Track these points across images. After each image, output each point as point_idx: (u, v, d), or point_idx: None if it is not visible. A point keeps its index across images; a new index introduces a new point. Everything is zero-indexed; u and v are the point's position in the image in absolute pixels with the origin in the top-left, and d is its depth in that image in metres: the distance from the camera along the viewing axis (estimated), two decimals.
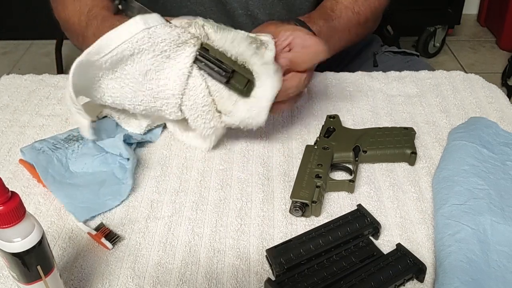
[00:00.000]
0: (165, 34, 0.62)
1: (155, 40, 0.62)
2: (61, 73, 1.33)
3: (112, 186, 0.66)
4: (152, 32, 0.61)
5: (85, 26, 0.82)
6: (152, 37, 0.61)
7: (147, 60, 0.63)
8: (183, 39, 0.63)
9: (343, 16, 0.85)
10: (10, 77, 0.92)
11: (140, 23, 0.61)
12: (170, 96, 0.65)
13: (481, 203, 0.59)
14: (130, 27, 0.61)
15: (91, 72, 0.65)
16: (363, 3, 0.87)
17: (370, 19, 0.90)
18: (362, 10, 0.87)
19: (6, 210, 0.42)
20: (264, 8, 0.89)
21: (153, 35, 0.61)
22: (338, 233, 0.59)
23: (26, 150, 0.70)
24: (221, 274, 0.57)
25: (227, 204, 0.65)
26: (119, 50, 0.61)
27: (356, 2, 0.87)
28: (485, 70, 2.37)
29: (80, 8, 0.84)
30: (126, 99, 0.67)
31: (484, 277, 0.52)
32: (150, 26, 0.61)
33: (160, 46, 0.62)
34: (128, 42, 0.61)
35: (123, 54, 0.62)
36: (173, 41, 0.62)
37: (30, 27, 2.56)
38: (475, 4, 2.72)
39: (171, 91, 0.65)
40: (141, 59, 0.63)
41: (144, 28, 0.61)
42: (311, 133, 0.77)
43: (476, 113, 0.80)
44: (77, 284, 0.56)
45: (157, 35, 0.61)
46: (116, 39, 0.61)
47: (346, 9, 0.86)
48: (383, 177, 0.69)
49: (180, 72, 0.64)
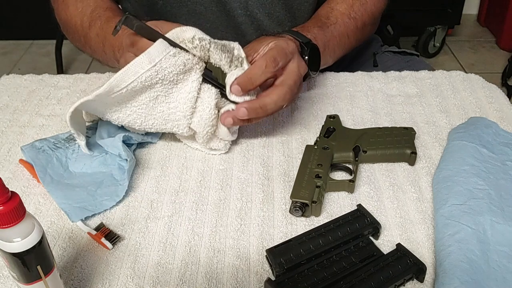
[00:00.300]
0: (171, 66, 0.62)
1: (162, 74, 0.62)
2: (61, 73, 1.33)
3: (110, 187, 0.66)
4: (158, 68, 0.62)
5: (88, 26, 0.82)
6: (159, 72, 0.62)
7: (156, 88, 0.64)
8: (189, 67, 0.64)
9: (339, 22, 0.85)
10: (10, 77, 0.92)
11: (145, 62, 0.61)
12: (181, 117, 0.67)
13: (481, 203, 0.59)
14: (136, 67, 0.61)
15: (97, 105, 0.66)
16: (359, 8, 0.87)
17: (368, 24, 0.90)
18: (358, 15, 0.87)
19: (6, 210, 0.42)
20: (263, 8, 0.89)
21: (160, 70, 0.62)
22: (338, 233, 0.59)
23: (26, 148, 0.70)
24: (221, 274, 0.57)
25: (227, 204, 0.65)
26: (128, 88, 0.62)
27: (352, 7, 0.87)
28: (485, 70, 2.37)
29: (83, 9, 0.84)
30: (136, 124, 0.68)
31: (484, 277, 0.52)
32: (155, 61, 0.61)
33: (168, 77, 0.63)
34: (135, 81, 0.62)
35: (132, 90, 0.63)
36: (180, 71, 0.63)
37: (30, 27, 2.56)
38: (475, 4, 2.72)
39: (182, 113, 0.67)
40: (150, 89, 0.64)
41: (150, 66, 0.61)
42: (311, 133, 0.77)
43: (476, 113, 0.80)
44: (77, 284, 0.56)
45: (164, 69, 0.62)
46: (123, 81, 0.62)
47: (342, 15, 0.86)
48: (383, 177, 0.69)
49: (189, 95, 0.65)
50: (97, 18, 0.81)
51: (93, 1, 0.84)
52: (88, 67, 2.37)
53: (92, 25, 0.81)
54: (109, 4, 0.85)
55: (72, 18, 0.85)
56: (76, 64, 2.43)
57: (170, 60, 0.62)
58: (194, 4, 0.88)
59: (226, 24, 0.91)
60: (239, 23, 0.90)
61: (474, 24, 2.72)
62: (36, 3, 1.12)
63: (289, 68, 0.68)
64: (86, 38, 0.84)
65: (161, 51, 0.61)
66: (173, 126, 0.68)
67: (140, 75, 0.61)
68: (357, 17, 0.87)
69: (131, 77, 0.61)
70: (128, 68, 0.61)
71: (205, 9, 0.89)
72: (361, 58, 1.03)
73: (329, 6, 0.88)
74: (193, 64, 0.64)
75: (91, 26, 0.82)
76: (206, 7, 0.88)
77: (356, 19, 0.87)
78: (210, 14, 0.89)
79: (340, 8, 0.86)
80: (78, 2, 0.85)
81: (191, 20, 0.90)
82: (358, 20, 0.87)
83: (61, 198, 0.65)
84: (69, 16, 0.86)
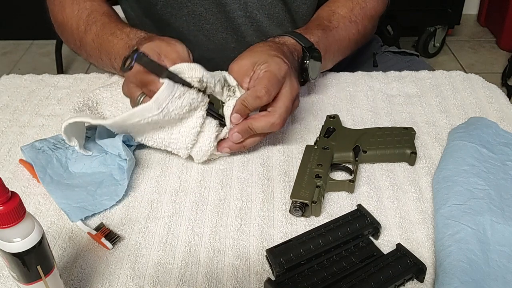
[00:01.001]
0: (178, 108, 0.63)
1: (168, 115, 0.63)
2: (61, 73, 1.33)
3: (109, 187, 0.66)
4: (165, 112, 0.62)
5: (84, 31, 0.82)
6: (165, 115, 0.63)
7: (161, 123, 0.66)
8: (194, 106, 0.65)
9: (341, 26, 0.85)
10: (10, 77, 0.92)
11: (154, 108, 0.62)
12: (183, 148, 0.68)
13: (481, 203, 0.59)
14: (144, 111, 0.62)
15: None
16: (359, 12, 0.87)
17: (368, 27, 0.90)
18: (359, 19, 0.87)
19: (6, 210, 0.42)
20: (263, 9, 0.89)
21: (167, 113, 0.63)
22: (338, 233, 0.59)
23: (26, 148, 0.70)
24: (221, 274, 0.57)
25: (227, 204, 0.65)
26: (133, 122, 0.63)
27: (352, 11, 0.87)
28: (485, 70, 2.37)
29: (79, 12, 0.83)
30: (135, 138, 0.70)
31: (484, 277, 0.52)
32: (162, 107, 0.62)
33: (173, 115, 0.64)
34: (141, 121, 0.63)
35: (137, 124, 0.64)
36: (185, 111, 0.64)
37: (30, 27, 2.56)
38: (475, 4, 2.72)
39: (184, 144, 0.68)
40: (155, 123, 0.65)
41: (158, 112, 0.62)
42: (311, 133, 0.77)
43: (476, 113, 0.80)
44: (77, 284, 0.56)
45: (170, 111, 0.63)
46: (129, 119, 0.63)
47: (344, 19, 0.86)
48: (383, 177, 0.69)
49: (193, 131, 0.67)
50: (93, 23, 0.81)
51: (89, 5, 0.83)
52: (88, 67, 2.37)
53: (88, 30, 0.81)
54: (105, 9, 0.84)
55: (68, 20, 0.85)
56: (76, 64, 2.43)
57: (176, 103, 0.63)
58: (194, 5, 0.88)
59: (226, 25, 0.91)
60: (239, 24, 0.90)
61: (474, 24, 2.72)
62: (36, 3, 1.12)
63: (281, 95, 0.68)
64: (81, 42, 0.84)
65: (168, 95, 0.62)
66: (173, 149, 0.69)
67: (147, 118, 0.62)
68: (358, 21, 0.87)
69: (137, 118, 0.62)
70: (135, 112, 0.62)
71: (205, 11, 0.89)
72: (361, 58, 1.03)
73: (330, 9, 0.87)
74: (198, 103, 0.65)
75: (86, 30, 0.81)
76: (206, 8, 0.88)
77: (357, 23, 0.87)
78: (210, 15, 0.89)
79: (341, 11, 0.87)
80: (75, 4, 0.84)
81: (191, 21, 0.90)
82: (359, 24, 0.87)
83: (60, 198, 0.65)
84: (66, 18, 0.85)
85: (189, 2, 0.87)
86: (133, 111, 0.62)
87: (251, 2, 0.88)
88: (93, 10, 0.83)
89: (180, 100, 0.63)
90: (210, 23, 0.90)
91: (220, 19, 0.90)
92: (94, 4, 0.84)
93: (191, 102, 0.64)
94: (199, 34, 0.92)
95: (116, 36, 0.77)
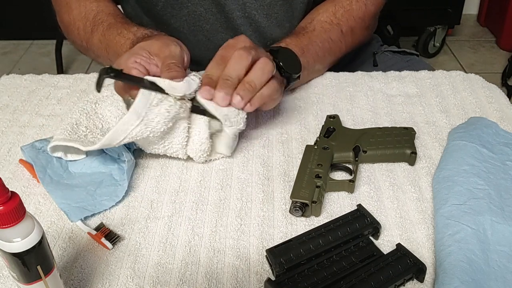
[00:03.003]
0: (157, 116, 0.63)
1: (151, 125, 0.64)
2: (61, 73, 1.33)
3: (109, 187, 0.66)
4: (146, 121, 0.63)
5: (90, 32, 0.82)
6: (147, 125, 0.63)
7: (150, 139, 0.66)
8: (174, 112, 0.64)
9: (317, 29, 0.85)
10: (10, 77, 0.92)
11: (133, 119, 0.62)
12: (179, 149, 0.69)
13: (481, 203, 0.59)
14: (125, 125, 0.63)
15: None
16: (343, 14, 0.87)
17: (357, 28, 0.89)
18: (343, 20, 0.87)
19: (6, 210, 0.42)
20: (261, 10, 0.89)
21: (148, 122, 0.63)
22: (338, 233, 0.59)
23: (26, 149, 0.70)
24: (221, 274, 0.57)
25: (227, 204, 0.65)
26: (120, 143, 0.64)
27: (334, 15, 0.87)
28: (485, 70, 2.37)
29: (86, 13, 0.83)
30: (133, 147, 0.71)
31: (484, 277, 0.52)
32: (142, 116, 0.62)
33: (157, 128, 0.64)
34: (127, 138, 0.63)
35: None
36: (166, 118, 0.64)
37: (30, 27, 2.56)
38: (475, 4, 2.72)
39: (179, 145, 0.68)
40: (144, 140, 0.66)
41: (139, 122, 0.62)
42: (311, 133, 0.77)
43: (476, 113, 0.80)
44: (77, 284, 0.56)
45: (151, 120, 0.63)
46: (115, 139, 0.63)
47: (322, 23, 0.86)
48: (383, 177, 0.69)
49: (183, 135, 0.67)
50: (100, 23, 0.81)
51: (95, 5, 0.84)
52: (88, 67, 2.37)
53: (94, 31, 0.81)
54: (111, 9, 0.84)
55: (76, 22, 0.85)
56: (76, 64, 2.43)
57: (154, 111, 0.63)
58: (194, 6, 0.88)
59: (225, 25, 0.91)
60: (238, 24, 0.90)
61: (474, 24, 2.72)
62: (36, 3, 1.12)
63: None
64: (88, 43, 0.84)
65: (145, 103, 0.63)
66: (172, 153, 0.70)
67: (130, 131, 0.63)
68: (341, 22, 0.87)
69: (122, 135, 0.63)
70: (117, 128, 0.62)
71: (205, 11, 0.89)
72: (361, 58, 1.03)
73: (310, 17, 0.88)
74: (177, 109, 0.65)
75: (93, 31, 0.81)
76: (206, 8, 0.88)
77: (339, 25, 0.87)
78: (209, 15, 0.89)
79: (321, 17, 0.87)
80: (82, 6, 0.84)
81: (191, 22, 0.90)
82: (343, 25, 0.87)
83: (60, 198, 0.65)
84: (72, 19, 0.85)
85: (189, 2, 0.88)
86: (114, 128, 0.62)
87: (249, 2, 0.88)
88: (99, 11, 0.83)
89: (157, 108, 0.63)
90: (209, 24, 0.90)
91: (219, 19, 0.90)
92: (100, 5, 0.84)
93: (169, 109, 0.64)
94: (198, 34, 0.92)
95: (123, 36, 0.77)
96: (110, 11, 0.83)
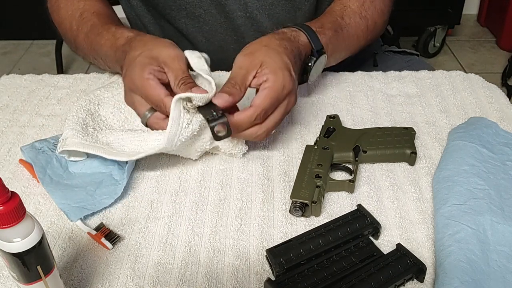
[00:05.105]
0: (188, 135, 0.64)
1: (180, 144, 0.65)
2: (61, 73, 1.33)
3: (109, 187, 0.66)
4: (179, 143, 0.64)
5: (76, 30, 0.82)
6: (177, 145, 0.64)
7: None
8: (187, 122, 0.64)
9: (351, 24, 0.83)
10: (10, 77, 0.92)
11: (167, 148, 0.64)
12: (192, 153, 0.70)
13: (481, 203, 0.59)
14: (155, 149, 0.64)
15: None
16: (369, 6, 0.85)
17: (379, 23, 0.88)
18: (369, 14, 0.85)
19: (6, 210, 0.42)
20: (263, 10, 0.89)
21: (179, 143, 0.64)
22: (338, 233, 0.59)
23: (26, 149, 0.70)
24: (221, 274, 0.57)
25: (227, 204, 0.65)
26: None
27: (362, 6, 0.85)
28: (485, 70, 2.37)
29: (72, 12, 0.83)
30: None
31: (484, 277, 0.52)
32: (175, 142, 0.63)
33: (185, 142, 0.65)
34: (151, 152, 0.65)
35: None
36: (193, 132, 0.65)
37: (30, 27, 2.56)
38: (475, 4, 2.72)
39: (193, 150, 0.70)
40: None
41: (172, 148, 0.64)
42: (311, 133, 0.77)
43: (476, 113, 0.80)
44: (77, 284, 0.56)
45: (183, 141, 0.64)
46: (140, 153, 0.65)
47: (354, 14, 0.84)
48: (383, 177, 0.69)
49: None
50: (84, 23, 0.80)
51: (82, 4, 0.83)
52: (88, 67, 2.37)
53: (80, 30, 0.81)
54: (97, 8, 0.83)
55: (63, 20, 0.85)
56: (76, 64, 2.43)
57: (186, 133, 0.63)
58: (193, 7, 0.88)
59: (225, 26, 0.90)
60: (239, 25, 0.90)
61: (474, 24, 2.72)
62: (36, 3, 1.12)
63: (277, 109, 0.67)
64: (76, 43, 0.84)
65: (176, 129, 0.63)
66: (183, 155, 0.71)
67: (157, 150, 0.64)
68: (368, 16, 0.85)
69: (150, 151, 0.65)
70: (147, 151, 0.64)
71: (204, 12, 0.88)
72: (361, 57, 1.03)
73: (342, 3, 0.85)
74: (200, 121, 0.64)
75: (79, 31, 0.81)
76: (205, 9, 0.88)
77: (366, 19, 0.85)
78: (209, 16, 0.89)
79: (352, 5, 0.84)
80: (69, 4, 0.84)
81: (190, 23, 0.90)
82: (369, 19, 0.85)
83: (60, 198, 0.65)
84: (61, 18, 0.85)
85: (188, 4, 0.87)
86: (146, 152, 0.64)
87: (251, 2, 0.87)
88: (85, 9, 0.82)
89: (188, 129, 0.63)
90: (209, 25, 0.90)
91: (219, 20, 0.90)
92: (87, 3, 0.83)
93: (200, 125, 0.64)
94: (198, 35, 0.92)
95: (103, 37, 0.77)
96: (95, 10, 0.82)
